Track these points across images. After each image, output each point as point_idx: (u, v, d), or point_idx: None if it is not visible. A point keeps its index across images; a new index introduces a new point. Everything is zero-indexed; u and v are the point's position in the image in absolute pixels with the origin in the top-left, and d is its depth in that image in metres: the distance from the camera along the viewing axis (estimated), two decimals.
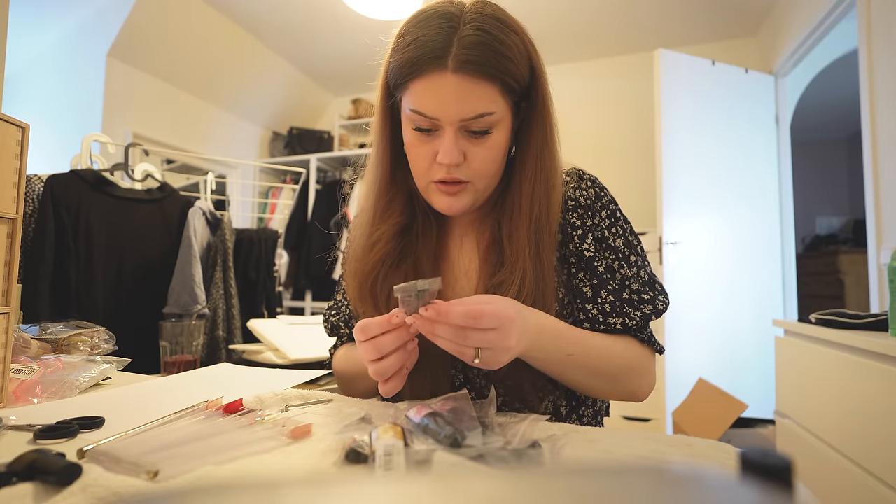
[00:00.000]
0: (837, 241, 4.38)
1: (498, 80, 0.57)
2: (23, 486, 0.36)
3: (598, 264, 0.66)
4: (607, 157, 3.34)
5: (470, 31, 0.56)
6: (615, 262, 0.66)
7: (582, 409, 0.69)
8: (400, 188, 0.69)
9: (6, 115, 0.59)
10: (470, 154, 0.60)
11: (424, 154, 0.61)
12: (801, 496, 0.36)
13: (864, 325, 1.20)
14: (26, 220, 1.27)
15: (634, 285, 0.65)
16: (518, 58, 0.59)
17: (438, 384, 0.67)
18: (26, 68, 3.03)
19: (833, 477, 1.16)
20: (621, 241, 0.67)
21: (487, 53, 0.56)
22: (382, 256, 0.66)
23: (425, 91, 0.58)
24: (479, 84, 0.57)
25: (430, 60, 0.56)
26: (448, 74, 0.56)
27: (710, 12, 2.94)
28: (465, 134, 0.60)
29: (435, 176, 0.62)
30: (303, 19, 3.06)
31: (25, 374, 0.65)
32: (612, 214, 0.68)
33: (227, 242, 1.62)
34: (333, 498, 0.13)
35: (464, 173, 0.61)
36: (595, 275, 0.66)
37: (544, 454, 0.40)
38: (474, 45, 0.56)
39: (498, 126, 0.60)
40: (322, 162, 3.89)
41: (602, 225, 0.67)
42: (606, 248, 0.67)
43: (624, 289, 0.65)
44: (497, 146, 0.61)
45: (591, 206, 0.67)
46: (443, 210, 0.65)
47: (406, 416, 0.48)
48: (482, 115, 0.58)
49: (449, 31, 0.57)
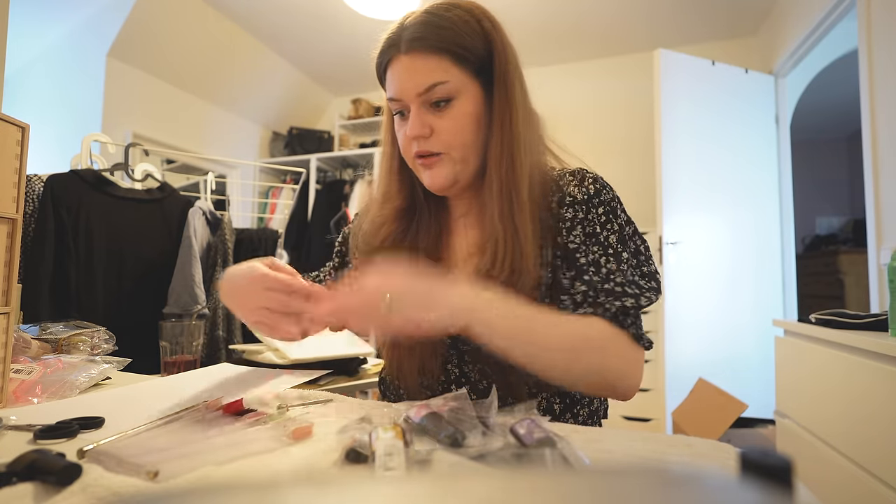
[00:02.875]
0: (837, 241, 4.38)
1: (445, 51, 0.63)
2: (23, 486, 0.36)
3: (580, 256, 0.64)
4: (607, 158, 3.34)
5: (415, 16, 0.65)
6: (602, 257, 0.64)
7: (577, 409, 0.69)
8: (405, 177, 0.74)
9: (6, 115, 0.59)
10: (436, 126, 0.65)
11: (404, 135, 0.67)
12: (801, 496, 0.36)
13: (864, 325, 1.20)
14: (26, 220, 1.27)
15: (619, 279, 0.62)
16: (466, 30, 0.64)
17: (433, 378, 0.69)
18: (26, 68, 3.03)
19: (833, 477, 1.16)
20: (615, 237, 0.65)
21: (429, 29, 0.63)
22: (387, 236, 0.72)
23: (390, 78, 0.66)
24: (427, 58, 0.63)
25: (387, 51, 0.66)
26: (402, 57, 0.64)
27: (710, 12, 2.94)
28: (428, 108, 0.65)
29: (413, 152, 0.67)
30: (303, 19, 3.06)
31: (25, 374, 0.65)
32: (612, 212, 0.66)
33: (227, 242, 1.62)
34: (333, 498, 0.13)
35: (434, 145, 0.66)
36: (574, 266, 0.64)
37: (557, 450, 0.40)
38: (418, 25, 0.64)
39: (460, 96, 0.65)
40: (322, 162, 3.89)
41: (596, 220, 0.66)
42: (596, 242, 0.65)
43: (606, 281, 0.62)
44: (462, 116, 0.65)
45: (588, 202, 0.66)
46: (428, 185, 0.69)
47: (406, 416, 0.48)
48: (434, 84, 0.63)
49: (401, 23, 0.66)
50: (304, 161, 3.79)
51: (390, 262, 0.58)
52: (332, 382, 1.04)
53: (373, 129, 3.99)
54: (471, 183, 0.70)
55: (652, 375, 2.60)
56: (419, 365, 0.69)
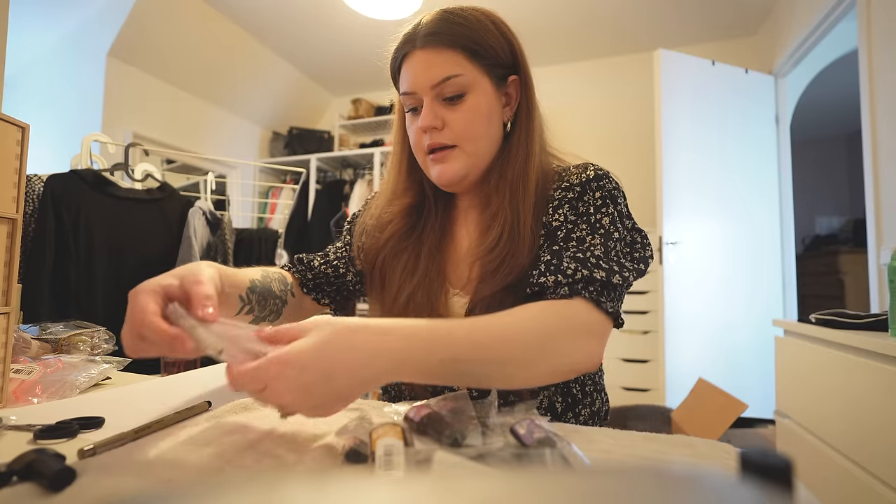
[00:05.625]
0: (837, 241, 4.38)
1: (459, 45, 0.65)
2: (22, 487, 0.36)
3: (560, 232, 0.64)
4: (607, 158, 3.34)
5: (431, 14, 0.67)
6: (589, 235, 0.62)
7: (578, 408, 0.69)
8: (413, 177, 0.75)
9: (6, 115, 0.59)
10: (449, 119, 0.66)
11: (416, 129, 0.68)
12: (801, 496, 0.36)
13: (864, 325, 1.20)
14: (26, 220, 1.27)
15: (597, 252, 0.60)
16: (479, 27, 0.66)
17: None
18: (26, 68, 3.02)
19: (833, 477, 1.16)
20: (608, 219, 0.63)
21: (445, 24, 0.65)
22: (393, 234, 0.73)
23: (405, 73, 0.67)
24: (442, 52, 0.65)
25: (403, 46, 0.67)
26: (417, 52, 0.66)
27: (710, 12, 2.94)
28: (441, 102, 0.66)
29: (425, 146, 0.67)
30: (303, 19, 3.06)
31: (25, 374, 0.65)
32: (610, 198, 0.65)
33: (227, 242, 1.62)
34: (333, 498, 0.13)
35: (446, 137, 0.66)
36: (552, 240, 0.64)
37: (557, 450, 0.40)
38: (434, 22, 0.66)
39: (472, 90, 0.66)
40: (322, 162, 3.89)
41: (591, 202, 0.65)
42: (586, 221, 0.63)
43: (580, 252, 0.60)
44: (475, 109, 0.66)
45: (585, 185, 0.66)
46: (436, 179, 0.69)
47: (406, 416, 0.48)
48: (448, 77, 0.64)
49: (417, 22, 0.68)
50: (304, 161, 3.79)
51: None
52: None
53: (373, 129, 3.99)
54: (479, 179, 0.71)
55: (652, 375, 2.60)
56: None
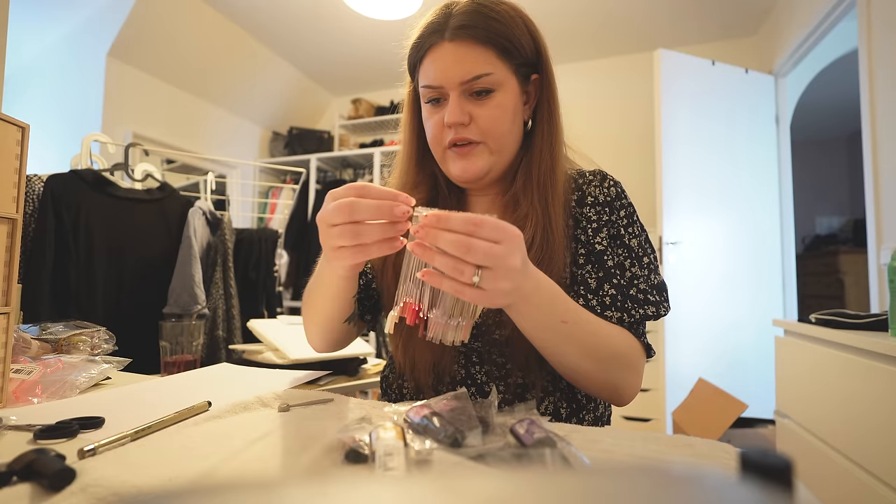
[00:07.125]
0: (837, 241, 4.38)
1: (492, 42, 0.63)
2: (22, 486, 0.36)
3: (607, 258, 0.66)
4: (607, 158, 3.34)
5: (463, 5, 0.64)
6: (627, 260, 0.66)
7: (583, 413, 0.68)
8: (426, 171, 0.73)
9: (6, 115, 0.59)
10: (476, 115, 0.64)
11: (436, 122, 0.66)
12: (801, 496, 0.36)
13: (864, 325, 1.20)
14: (26, 220, 1.27)
15: (642, 285, 0.65)
16: (511, 24, 0.64)
17: (440, 378, 0.68)
18: (26, 68, 3.02)
19: (833, 477, 1.16)
20: (636, 241, 0.67)
21: (478, 18, 0.63)
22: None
23: (430, 64, 0.65)
24: (474, 47, 0.62)
25: (430, 36, 0.64)
26: (446, 44, 0.63)
27: (710, 12, 2.94)
28: (468, 97, 0.64)
29: (447, 140, 0.66)
30: (303, 19, 3.06)
31: (25, 374, 0.65)
32: (631, 216, 0.69)
33: (227, 242, 1.62)
34: (333, 498, 0.13)
35: (472, 133, 0.65)
36: (602, 268, 0.66)
37: (557, 450, 0.40)
38: (466, 14, 0.63)
39: (500, 88, 0.64)
40: (322, 162, 3.89)
41: (619, 223, 0.68)
42: (620, 244, 0.67)
43: (631, 286, 0.65)
44: (502, 106, 0.65)
45: (611, 204, 0.68)
46: (458, 175, 0.67)
47: (406, 416, 0.48)
48: (479, 76, 0.63)
49: (445, 11, 0.65)
50: (304, 161, 3.79)
51: None
52: (332, 382, 1.04)
53: (373, 129, 3.99)
54: (500, 177, 0.70)
55: (652, 375, 2.60)
56: (433, 361, 0.68)
